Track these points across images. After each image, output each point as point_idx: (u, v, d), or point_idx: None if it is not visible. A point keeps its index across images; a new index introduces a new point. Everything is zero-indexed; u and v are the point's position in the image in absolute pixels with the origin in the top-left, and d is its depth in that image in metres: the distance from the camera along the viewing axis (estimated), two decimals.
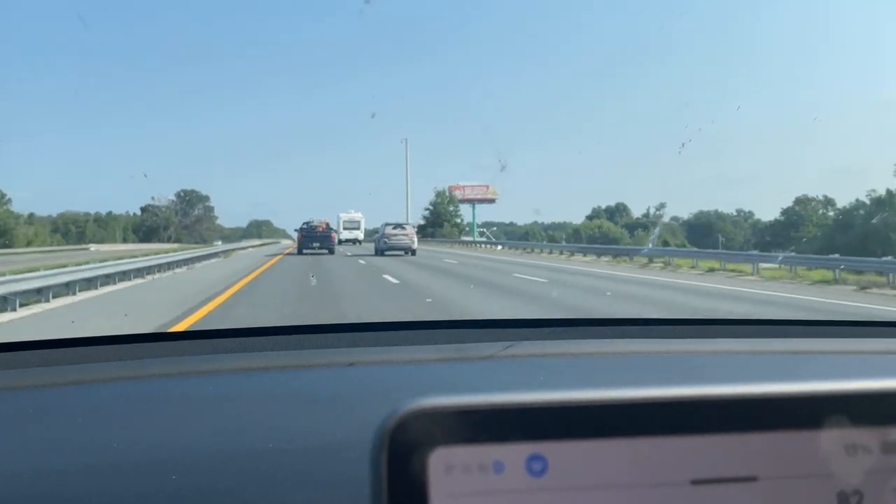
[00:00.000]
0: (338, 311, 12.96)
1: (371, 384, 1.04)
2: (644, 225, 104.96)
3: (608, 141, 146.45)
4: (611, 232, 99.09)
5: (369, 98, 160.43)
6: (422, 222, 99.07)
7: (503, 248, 50.15)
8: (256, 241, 69.54)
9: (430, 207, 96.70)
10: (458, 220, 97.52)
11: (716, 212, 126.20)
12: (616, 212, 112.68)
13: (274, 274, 21.62)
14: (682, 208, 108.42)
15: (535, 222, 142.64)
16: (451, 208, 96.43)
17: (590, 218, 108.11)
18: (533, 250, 45.08)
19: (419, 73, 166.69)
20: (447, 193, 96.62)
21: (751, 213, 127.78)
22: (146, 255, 26.31)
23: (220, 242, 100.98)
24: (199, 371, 1.15)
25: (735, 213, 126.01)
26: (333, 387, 1.05)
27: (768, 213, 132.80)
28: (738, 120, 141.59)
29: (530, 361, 1.15)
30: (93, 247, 79.11)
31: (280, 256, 37.32)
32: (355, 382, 1.06)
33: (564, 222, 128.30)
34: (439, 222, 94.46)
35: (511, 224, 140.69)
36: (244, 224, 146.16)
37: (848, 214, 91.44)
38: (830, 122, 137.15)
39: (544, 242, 63.14)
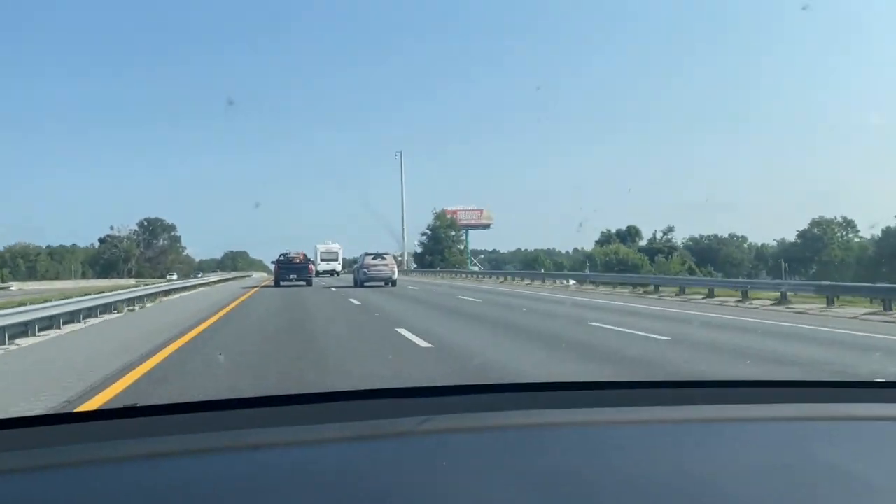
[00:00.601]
0: None
1: (272, 472, 0.92)
2: (660, 250, 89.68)
3: (589, 167, 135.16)
4: (629, 258, 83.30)
5: (350, 132, 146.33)
6: (418, 249, 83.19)
7: (575, 284, 33.22)
8: (214, 277, 52.26)
9: (428, 232, 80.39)
10: (462, 247, 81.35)
11: (715, 236, 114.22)
12: (628, 236, 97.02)
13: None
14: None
15: (519, 249, 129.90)
16: (453, 233, 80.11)
17: (600, 243, 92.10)
18: (657, 289, 26.75)
19: (405, 96, 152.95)
20: (447, 216, 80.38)
21: (744, 238, 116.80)
22: (60, 298, 17.88)
23: (175, 276, 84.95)
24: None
25: (727, 237, 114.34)
26: (238, 476, 0.92)
27: (759, 237, 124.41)
28: (724, 147, 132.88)
29: (443, 438, 1.04)
30: (14, 286, 63.07)
31: (242, 299, 21.81)
32: (259, 469, 0.94)
33: (549, 249, 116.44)
34: (439, 249, 78.15)
35: (494, 251, 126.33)
36: (219, 255, 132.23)
37: (893, 235, 77.98)
38: (809, 148, 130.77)
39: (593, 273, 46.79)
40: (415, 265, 76.20)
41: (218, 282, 46.99)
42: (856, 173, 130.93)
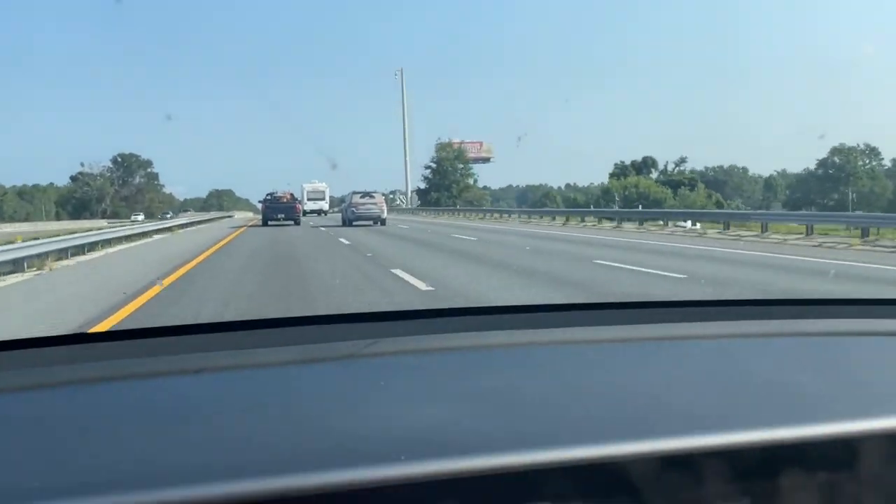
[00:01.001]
0: None
1: (213, 395, 0.92)
2: (680, 182, 79.35)
3: (582, 96, 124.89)
4: (650, 191, 72.89)
5: (345, 55, 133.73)
6: (422, 185, 72.09)
7: (696, 227, 22.43)
8: (183, 218, 41.53)
9: (432, 165, 69.12)
10: (471, 182, 70.13)
11: (721, 167, 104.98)
12: (643, 167, 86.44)
13: None
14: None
15: (510, 186, 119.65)
16: (461, 166, 68.85)
17: (615, 176, 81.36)
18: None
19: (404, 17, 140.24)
20: (453, 147, 68.97)
21: (745, 169, 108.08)
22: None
23: (141, 217, 74.02)
24: None
25: (728, 168, 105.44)
26: (179, 399, 0.91)
27: (761, 168, 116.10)
28: (705, 80, 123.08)
29: (389, 360, 1.04)
30: None
31: (198, 261, 11.38)
32: (201, 392, 0.94)
33: (541, 185, 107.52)
34: (445, 184, 67.09)
35: (486, 188, 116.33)
36: (204, 194, 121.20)
37: None
38: (797, 81, 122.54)
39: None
40: (418, 202, 65.51)
41: (190, 224, 36.12)
42: (843, 105, 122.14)
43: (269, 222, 32.23)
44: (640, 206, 47.28)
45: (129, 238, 22.00)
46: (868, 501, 0.67)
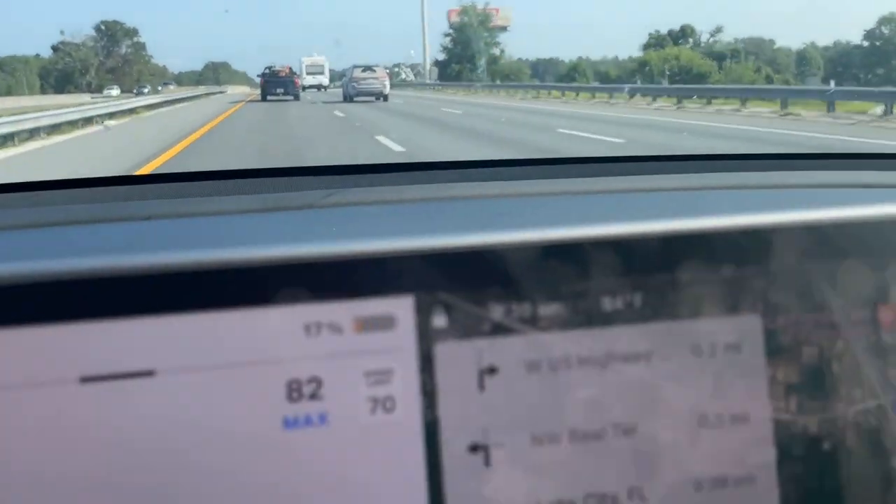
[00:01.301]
0: None
1: (163, 239, 0.88)
2: (722, 54, 70.30)
3: None
4: (693, 64, 64.11)
5: None
6: (441, 57, 63.02)
7: None
8: (158, 97, 33.72)
9: (451, 33, 59.86)
10: (497, 52, 60.98)
11: (750, 39, 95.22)
12: (681, 36, 76.88)
13: None
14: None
15: (520, 59, 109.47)
16: (486, 34, 59.50)
17: (651, 47, 71.94)
18: None
19: None
20: (477, 11, 59.39)
21: (772, 41, 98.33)
22: None
23: (115, 92, 65.59)
24: None
25: (755, 39, 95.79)
26: (125, 242, 0.87)
27: (788, 41, 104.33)
28: None
29: (347, 210, 0.96)
30: None
31: None
32: (147, 237, 0.88)
33: (551, 59, 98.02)
34: (468, 55, 58.09)
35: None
36: (199, 67, 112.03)
37: None
38: None
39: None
40: (438, 77, 56.94)
41: (167, 103, 28.47)
42: None
43: (269, 97, 32.29)
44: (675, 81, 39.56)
45: (55, 129, 14.48)
46: (774, 297, 0.65)
